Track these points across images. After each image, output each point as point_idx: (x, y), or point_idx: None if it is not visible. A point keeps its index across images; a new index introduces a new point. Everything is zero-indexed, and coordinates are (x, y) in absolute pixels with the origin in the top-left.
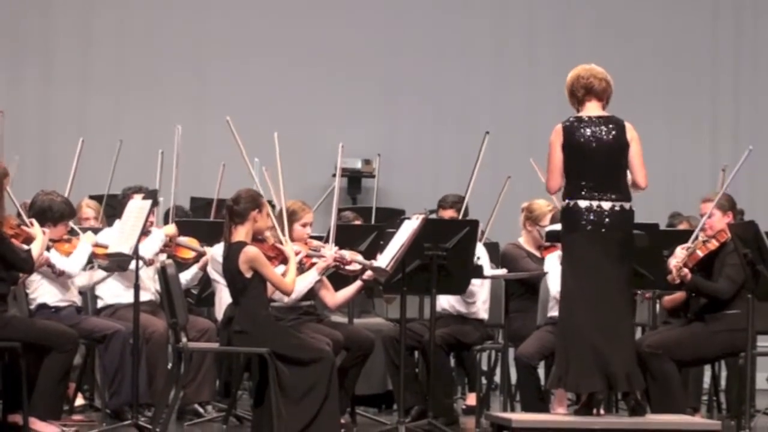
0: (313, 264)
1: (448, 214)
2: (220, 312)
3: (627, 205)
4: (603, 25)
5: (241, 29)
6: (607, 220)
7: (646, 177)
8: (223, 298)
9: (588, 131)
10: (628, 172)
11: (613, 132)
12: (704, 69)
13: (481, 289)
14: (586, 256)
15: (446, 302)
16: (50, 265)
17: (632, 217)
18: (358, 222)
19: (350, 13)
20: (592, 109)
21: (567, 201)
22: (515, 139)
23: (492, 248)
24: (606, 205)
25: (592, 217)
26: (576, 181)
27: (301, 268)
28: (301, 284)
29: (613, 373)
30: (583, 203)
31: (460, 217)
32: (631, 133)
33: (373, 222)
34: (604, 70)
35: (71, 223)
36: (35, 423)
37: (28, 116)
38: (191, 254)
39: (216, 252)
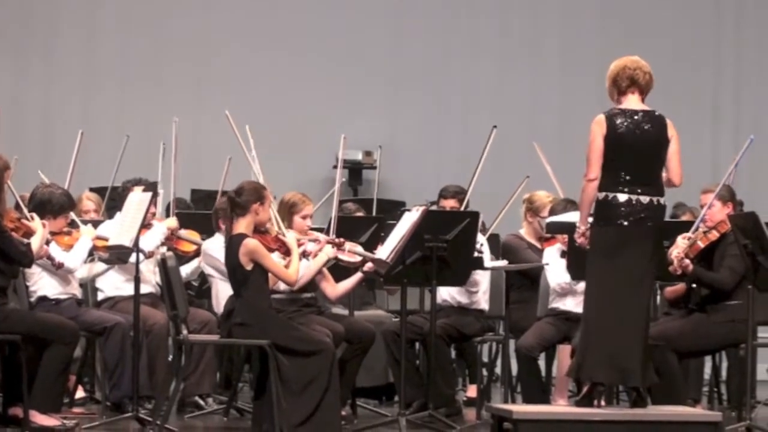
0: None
1: (450, 204)
2: (217, 305)
3: (662, 200)
4: (607, 17)
5: (244, 21)
6: (643, 214)
7: (681, 175)
8: (219, 292)
9: (631, 124)
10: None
11: (656, 126)
12: (706, 59)
13: (483, 279)
14: (618, 250)
15: (447, 294)
16: (50, 258)
17: (665, 213)
18: (360, 213)
19: (353, 4)
20: (634, 101)
21: (605, 194)
22: (518, 131)
23: (493, 239)
24: (644, 199)
25: (629, 211)
26: (615, 174)
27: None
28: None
29: (628, 368)
30: (622, 197)
31: (462, 208)
32: (671, 131)
33: (374, 213)
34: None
35: (72, 215)
36: (35, 416)
37: (31, 108)
38: (192, 247)
39: (208, 246)
